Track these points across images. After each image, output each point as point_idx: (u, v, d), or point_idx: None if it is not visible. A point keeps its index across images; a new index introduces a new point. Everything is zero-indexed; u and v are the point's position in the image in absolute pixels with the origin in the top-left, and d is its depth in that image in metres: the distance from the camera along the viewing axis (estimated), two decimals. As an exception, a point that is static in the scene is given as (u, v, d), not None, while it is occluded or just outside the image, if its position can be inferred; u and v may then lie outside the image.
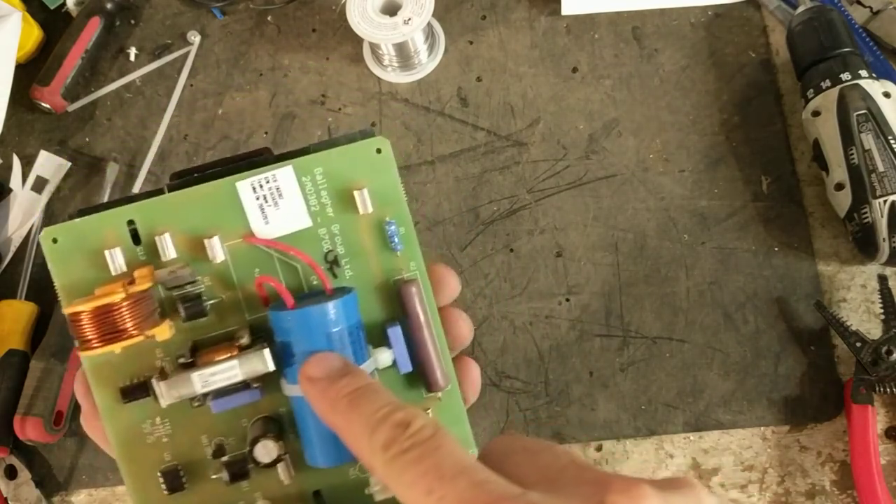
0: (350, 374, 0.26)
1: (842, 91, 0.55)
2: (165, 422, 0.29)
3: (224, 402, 0.28)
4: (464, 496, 0.21)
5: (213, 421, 0.29)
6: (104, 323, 0.26)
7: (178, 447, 0.29)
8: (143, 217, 0.29)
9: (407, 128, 0.63)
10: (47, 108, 0.64)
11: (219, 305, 0.29)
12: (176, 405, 0.28)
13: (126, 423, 0.29)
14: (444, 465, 0.22)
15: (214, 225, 0.29)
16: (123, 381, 0.29)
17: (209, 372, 0.27)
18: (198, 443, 0.29)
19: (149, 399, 0.28)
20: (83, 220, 0.28)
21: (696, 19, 0.65)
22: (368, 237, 0.30)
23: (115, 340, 0.26)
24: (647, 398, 0.55)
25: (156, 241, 0.28)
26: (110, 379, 0.29)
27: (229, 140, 0.64)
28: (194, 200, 0.29)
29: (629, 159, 0.61)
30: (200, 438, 0.29)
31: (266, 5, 0.68)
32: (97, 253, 0.28)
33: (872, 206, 0.53)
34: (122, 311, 0.26)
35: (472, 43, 0.65)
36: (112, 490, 0.56)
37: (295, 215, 0.29)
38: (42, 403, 0.53)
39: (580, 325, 0.57)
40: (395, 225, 0.30)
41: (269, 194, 0.29)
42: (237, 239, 0.29)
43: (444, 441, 0.23)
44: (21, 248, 0.61)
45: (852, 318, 0.56)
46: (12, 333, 0.56)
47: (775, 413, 0.54)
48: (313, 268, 0.29)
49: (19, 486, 0.55)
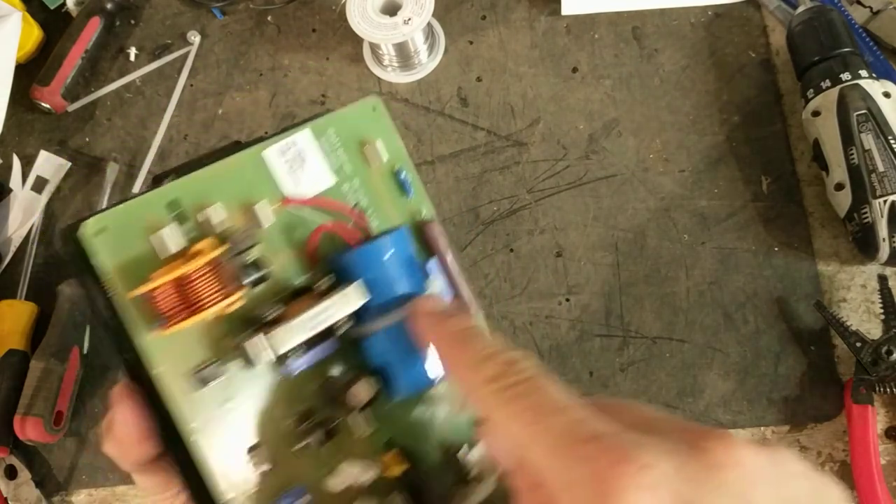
0: (460, 315, 0.28)
1: (842, 91, 0.55)
2: (242, 400, 0.28)
3: (305, 359, 0.28)
4: (567, 428, 0.23)
5: (290, 388, 0.29)
6: (188, 292, 0.26)
7: (259, 425, 0.29)
8: (185, 194, 0.28)
9: (407, 128, 0.63)
10: (47, 108, 0.64)
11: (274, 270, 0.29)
12: (246, 382, 0.28)
13: (202, 408, 0.28)
14: (548, 401, 0.24)
15: (252, 194, 0.29)
16: (196, 362, 0.27)
17: (309, 316, 0.28)
18: (277, 416, 0.29)
19: (223, 380, 0.28)
20: (126, 206, 0.28)
21: (696, 19, 0.65)
22: (384, 187, 0.32)
23: (202, 309, 0.26)
24: (647, 398, 0.55)
25: (205, 213, 0.28)
26: (181, 362, 0.27)
27: (229, 140, 0.64)
28: (226, 174, 0.29)
29: (629, 159, 0.61)
30: (279, 411, 0.29)
31: (266, 5, 0.68)
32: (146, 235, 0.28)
33: (872, 206, 0.53)
34: (206, 276, 0.26)
35: (472, 43, 0.65)
36: (112, 490, 0.56)
37: (320, 175, 0.31)
38: (42, 403, 0.53)
39: (580, 325, 0.57)
40: (405, 172, 0.32)
41: (293, 158, 0.30)
42: (276, 204, 0.30)
43: (549, 381, 0.24)
44: (21, 248, 0.61)
45: (852, 318, 0.56)
46: (12, 333, 0.56)
47: (775, 413, 0.54)
48: (356, 215, 0.31)
49: (19, 486, 0.55)
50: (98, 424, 0.56)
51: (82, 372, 0.57)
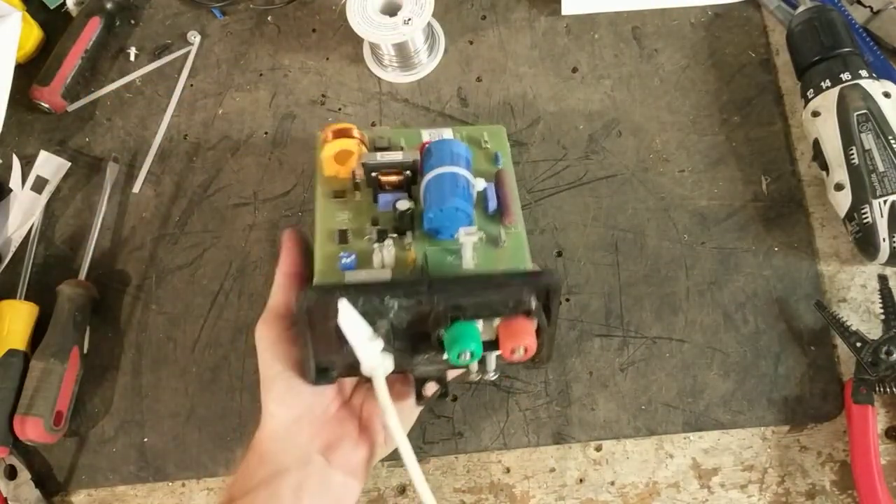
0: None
1: (842, 91, 0.55)
2: (350, 213, 0.48)
3: (385, 200, 0.48)
4: None
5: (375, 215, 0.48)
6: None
7: (351, 223, 0.48)
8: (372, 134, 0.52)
9: (407, 128, 0.63)
10: (47, 108, 0.64)
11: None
12: (355, 207, 0.48)
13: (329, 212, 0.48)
14: None
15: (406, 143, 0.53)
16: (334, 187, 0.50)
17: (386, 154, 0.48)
18: (364, 223, 0.48)
19: (344, 199, 0.49)
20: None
21: (696, 19, 0.65)
22: (485, 157, 0.53)
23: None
24: (646, 398, 0.55)
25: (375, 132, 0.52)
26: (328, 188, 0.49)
27: (229, 140, 0.64)
28: (398, 134, 0.53)
29: (629, 159, 0.61)
30: (366, 221, 0.48)
31: (266, 5, 0.68)
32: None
33: (872, 206, 0.53)
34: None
35: (472, 43, 0.65)
36: (112, 490, 0.56)
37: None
38: (42, 403, 0.53)
39: (580, 325, 0.57)
40: (500, 154, 0.52)
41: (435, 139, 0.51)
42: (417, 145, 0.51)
43: None
44: (21, 248, 0.61)
45: (852, 318, 0.56)
46: (12, 333, 0.56)
47: (775, 413, 0.54)
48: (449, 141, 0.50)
49: (19, 486, 0.55)
50: (98, 424, 0.57)
51: (82, 372, 0.57)
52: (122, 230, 0.62)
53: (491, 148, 0.53)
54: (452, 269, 0.45)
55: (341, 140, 0.49)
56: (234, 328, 0.58)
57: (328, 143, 0.49)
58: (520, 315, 0.42)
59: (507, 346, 0.42)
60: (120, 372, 0.58)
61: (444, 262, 0.46)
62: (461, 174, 0.46)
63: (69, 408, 0.56)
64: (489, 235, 0.47)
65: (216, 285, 0.59)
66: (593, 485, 0.54)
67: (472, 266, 0.45)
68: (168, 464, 0.56)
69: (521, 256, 0.47)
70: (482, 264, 0.45)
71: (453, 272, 0.45)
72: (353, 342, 0.41)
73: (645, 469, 0.54)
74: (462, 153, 0.48)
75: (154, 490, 0.56)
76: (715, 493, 0.53)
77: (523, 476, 0.54)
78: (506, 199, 0.49)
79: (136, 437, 0.56)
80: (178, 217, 0.62)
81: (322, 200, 0.49)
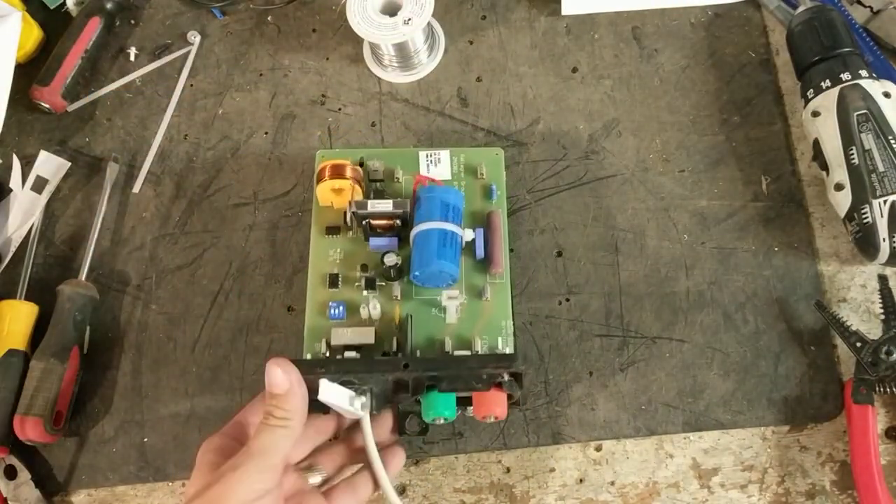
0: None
1: (842, 91, 0.55)
2: (341, 251, 0.54)
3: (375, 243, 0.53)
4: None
5: (366, 255, 0.53)
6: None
7: (343, 265, 0.54)
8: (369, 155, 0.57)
9: (407, 128, 0.63)
10: (47, 108, 0.64)
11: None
12: (348, 243, 0.54)
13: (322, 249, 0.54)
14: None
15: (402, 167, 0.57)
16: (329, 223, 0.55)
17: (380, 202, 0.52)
18: (354, 265, 0.53)
19: (338, 237, 0.54)
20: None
21: (696, 19, 0.65)
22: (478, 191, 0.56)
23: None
24: (646, 398, 0.55)
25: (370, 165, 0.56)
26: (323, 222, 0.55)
27: (229, 140, 0.64)
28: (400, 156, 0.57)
29: (629, 159, 0.61)
30: (356, 263, 0.53)
31: (266, 5, 0.68)
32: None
33: (872, 206, 0.53)
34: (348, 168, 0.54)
35: (472, 43, 0.65)
36: (112, 490, 0.56)
37: (443, 172, 0.56)
38: (42, 403, 0.53)
39: (580, 324, 0.57)
40: (495, 187, 0.56)
41: (432, 161, 0.57)
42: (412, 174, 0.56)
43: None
44: (21, 248, 0.61)
45: (852, 318, 0.56)
46: (12, 333, 0.56)
47: (775, 413, 0.54)
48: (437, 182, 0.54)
49: (19, 486, 0.55)
50: (98, 424, 0.57)
51: (82, 372, 0.57)
52: (122, 230, 0.62)
53: (487, 179, 0.56)
54: (437, 323, 0.52)
55: (334, 180, 0.53)
56: (234, 328, 0.58)
57: (323, 181, 0.53)
58: (492, 387, 0.46)
59: (479, 412, 0.47)
60: (120, 372, 0.58)
61: (428, 317, 0.52)
62: (449, 230, 0.51)
63: (69, 408, 0.56)
64: (474, 288, 0.53)
65: (216, 285, 0.59)
66: (593, 485, 0.54)
67: (455, 321, 0.52)
68: (168, 464, 0.56)
69: (504, 312, 0.52)
70: (465, 318, 0.52)
71: (437, 331, 0.52)
72: (336, 408, 0.45)
73: (645, 469, 0.54)
74: (452, 202, 0.52)
75: (154, 490, 0.56)
76: (715, 493, 0.53)
77: (523, 476, 0.54)
78: (493, 248, 0.53)
79: (136, 437, 0.56)
80: (178, 217, 0.62)
81: (316, 238, 0.55)
